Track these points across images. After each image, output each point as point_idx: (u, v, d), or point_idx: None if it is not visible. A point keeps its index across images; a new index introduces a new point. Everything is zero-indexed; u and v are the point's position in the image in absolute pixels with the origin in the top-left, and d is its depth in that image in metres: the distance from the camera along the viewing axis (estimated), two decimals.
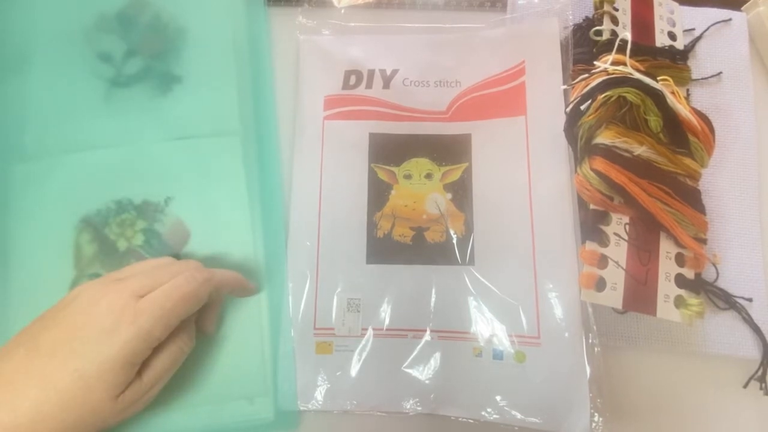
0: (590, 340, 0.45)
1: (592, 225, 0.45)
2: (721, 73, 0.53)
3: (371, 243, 0.48)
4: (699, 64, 0.53)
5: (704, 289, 0.47)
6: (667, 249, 0.45)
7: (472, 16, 0.56)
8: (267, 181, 0.50)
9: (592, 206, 0.45)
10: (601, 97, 0.44)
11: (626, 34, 0.48)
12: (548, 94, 0.51)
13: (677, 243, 0.45)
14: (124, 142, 0.50)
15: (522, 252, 0.47)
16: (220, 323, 0.46)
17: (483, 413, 0.44)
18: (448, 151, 0.51)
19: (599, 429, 0.43)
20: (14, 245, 0.47)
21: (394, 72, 0.53)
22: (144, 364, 0.38)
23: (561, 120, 0.48)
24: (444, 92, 0.52)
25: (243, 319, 0.46)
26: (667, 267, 0.45)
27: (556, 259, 0.46)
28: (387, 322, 0.46)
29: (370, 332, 0.46)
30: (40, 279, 0.46)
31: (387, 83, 0.53)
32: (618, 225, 0.45)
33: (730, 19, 0.54)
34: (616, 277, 0.43)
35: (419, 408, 0.45)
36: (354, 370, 0.45)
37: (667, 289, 0.44)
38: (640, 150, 0.44)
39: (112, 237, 0.47)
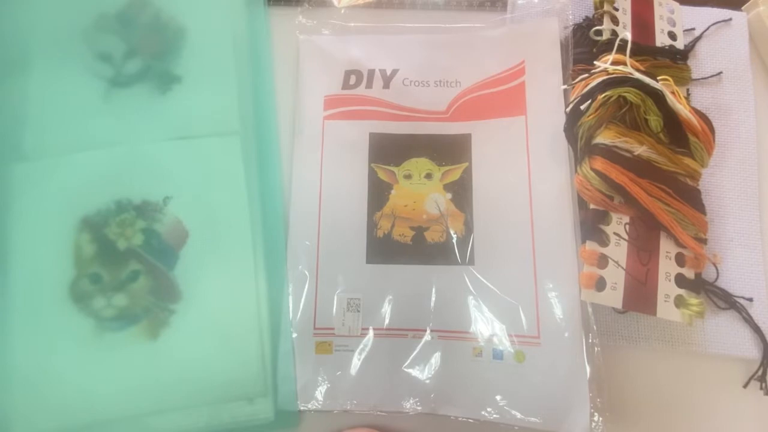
0: (590, 340, 0.45)
1: (592, 225, 0.45)
2: (721, 73, 0.53)
3: (371, 243, 0.48)
4: (699, 64, 0.53)
5: (704, 289, 0.47)
6: (667, 249, 0.45)
7: (472, 16, 0.56)
8: (267, 181, 0.50)
9: (592, 206, 0.45)
10: (601, 97, 0.44)
11: (626, 33, 0.48)
12: (548, 94, 0.51)
13: (677, 243, 0.45)
14: (123, 142, 0.49)
15: (522, 252, 0.47)
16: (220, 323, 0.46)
17: (483, 413, 0.44)
18: (448, 150, 0.51)
19: (599, 429, 0.43)
20: (14, 245, 0.47)
21: (394, 72, 0.53)
22: None
23: (561, 120, 0.48)
24: (444, 92, 0.52)
25: (243, 319, 0.46)
26: (667, 267, 0.45)
27: (556, 259, 0.46)
28: (387, 321, 0.46)
29: (370, 332, 0.46)
30: (40, 279, 0.46)
31: (387, 83, 0.53)
32: (618, 225, 0.45)
33: (730, 19, 0.54)
34: (616, 276, 0.43)
35: (419, 408, 0.45)
36: (354, 369, 0.45)
37: (667, 288, 0.44)
38: (640, 150, 0.44)
39: (112, 237, 0.47)
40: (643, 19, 0.53)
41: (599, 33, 0.51)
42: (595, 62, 0.47)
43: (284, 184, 0.51)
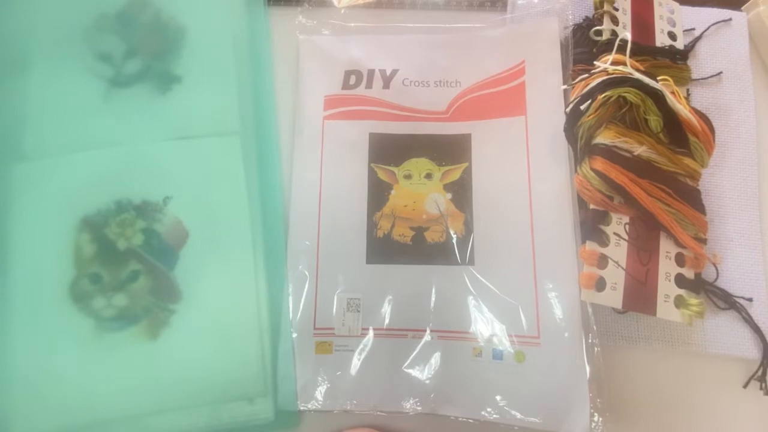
0: (590, 340, 0.45)
1: (592, 225, 0.45)
2: (721, 73, 0.53)
3: (371, 243, 0.48)
4: (699, 64, 0.53)
5: (704, 289, 0.47)
6: (667, 249, 0.45)
7: (472, 16, 0.56)
8: (267, 181, 0.50)
9: (592, 206, 0.45)
10: (601, 97, 0.44)
11: (626, 34, 0.48)
12: (548, 94, 0.51)
13: (677, 243, 0.45)
14: (123, 142, 0.49)
15: (522, 252, 0.47)
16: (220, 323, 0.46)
17: (483, 413, 0.44)
18: (448, 151, 0.51)
19: (599, 429, 0.43)
20: (14, 245, 0.47)
21: (394, 72, 0.53)
22: None
23: (561, 120, 0.48)
24: (444, 92, 0.52)
25: (243, 319, 0.46)
26: (667, 267, 0.45)
27: (556, 259, 0.46)
28: (387, 321, 0.46)
29: (370, 332, 0.46)
30: (40, 279, 0.46)
31: (387, 83, 0.53)
32: (618, 225, 0.45)
33: (730, 19, 0.54)
34: (616, 277, 0.43)
35: (419, 408, 0.45)
36: (354, 369, 0.45)
37: (667, 289, 0.44)
38: (640, 150, 0.44)
39: (112, 237, 0.47)
40: (643, 19, 0.53)
41: (599, 33, 0.51)
42: (595, 62, 0.47)
43: (284, 184, 0.51)
